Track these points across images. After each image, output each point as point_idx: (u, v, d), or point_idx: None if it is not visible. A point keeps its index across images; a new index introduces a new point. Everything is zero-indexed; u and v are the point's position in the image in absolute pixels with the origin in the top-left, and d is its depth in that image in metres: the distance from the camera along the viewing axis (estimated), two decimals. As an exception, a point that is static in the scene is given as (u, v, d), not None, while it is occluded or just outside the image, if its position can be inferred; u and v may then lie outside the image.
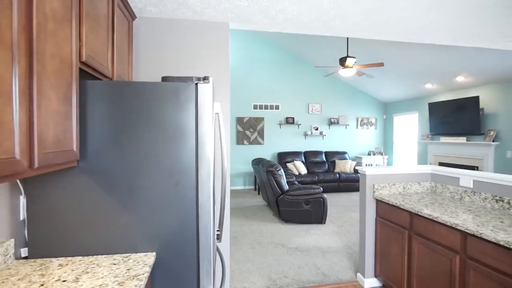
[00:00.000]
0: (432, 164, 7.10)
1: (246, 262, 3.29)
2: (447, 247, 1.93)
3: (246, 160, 7.90)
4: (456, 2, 2.10)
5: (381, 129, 9.00)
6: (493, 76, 5.52)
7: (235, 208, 5.78)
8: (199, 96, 1.34)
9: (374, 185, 2.68)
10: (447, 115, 6.59)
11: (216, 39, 2.45)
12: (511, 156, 5.43)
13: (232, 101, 7.75)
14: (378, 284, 2.75)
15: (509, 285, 1.53)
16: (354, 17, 2.36)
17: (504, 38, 2.84)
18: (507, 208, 2.11)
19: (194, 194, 1.36)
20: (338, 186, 7.26)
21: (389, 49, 5.61)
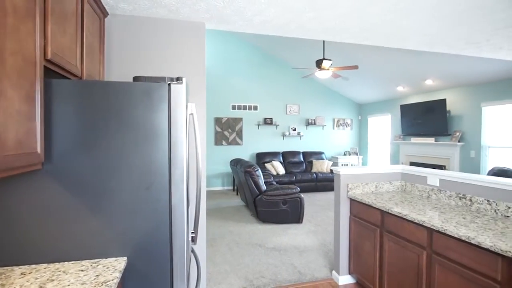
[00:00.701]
0: (404, 164, 7.40)
1: (223, 264, 3.27)
2: (415, 243, 2.02)
3: (224, 161, 7.86)
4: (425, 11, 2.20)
5: (356, 130, 9.26)
6: (459, 80, 5.84)
7: (213, 209, 5.74)
8: (172, 97, 1.32)
9: (348, 185, 2.75)
10: (417, 117, 6.89)
11: (192, 39, 2.42)
12: (474, 155, 5.77)
13: (210, 101, 7.69)
14: (352, 281, 2.83)
15: (470, 277, 1.63)
16: (329, 21, 2.41)
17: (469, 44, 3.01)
18: (469, 205, 2.24)
19: (167, 197, 1.34)
20: (315, 186, 7.39)
21: (364, 52, 5.79)
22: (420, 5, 2.13)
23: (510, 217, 1.96)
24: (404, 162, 7.45)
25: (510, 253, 1.41)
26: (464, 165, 5.97)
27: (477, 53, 3.29)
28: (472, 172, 5.75)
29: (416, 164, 7.05)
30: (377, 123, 8.72)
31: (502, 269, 1.48)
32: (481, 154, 5.66)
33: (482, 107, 5.65)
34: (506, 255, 1.44)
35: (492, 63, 4.71)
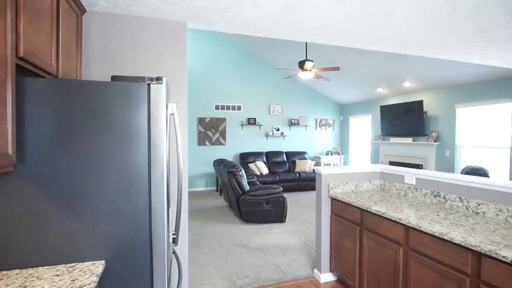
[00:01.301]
0: (384, 163, 7.62)
1: (206, 265, 3.25)
2: (393, 240, 2.09)
3: (208, 161, 7.81)
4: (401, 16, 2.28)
5: (338, 130, 9.44)
6: (434, 82, 6.07)
7: (196, 210, 5.69)
8: (151, 97, 1.30)
9: (329, 184, 2.81)
10: (396, 117, 7.11)
11: (174, 39, 2.40)
12: (449, 155, 6.02)
13: (194, 101, 7.62)
14: (333, 278, 2.89)
15: (443, 272, 1.70)
16: (310, 23, 2.45)
17: (443, 48, 3.14)
18: (443, 202, 2.34)
19: (147, 198, 1.32)
20: (298, 185, 7.47)
21: (345, 54, 5.91)
22: (397, 11, 2.20)
23: (480, 214, 2.06)
24: (383, 161, 7.66)
25: (478, 247, 1.48)
26: (440, 164, 6.22)
27: (450, 56, 3.44)
28: (447, 170, 6.00)
29: (395, 163, 7.26)
30: (358, 124, 8.92)
31: (472, 263, 1.55)
32: (455, 154, 5.91)
33: (456, 108, 5.90)
34: (475, 250, 1.52)
35: (465, 67, 4.92)
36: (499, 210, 1.95)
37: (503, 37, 2.79)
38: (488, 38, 2.80)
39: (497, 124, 5.24)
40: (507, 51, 3.24)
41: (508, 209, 1.90)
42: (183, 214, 2.38)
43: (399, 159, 7.20)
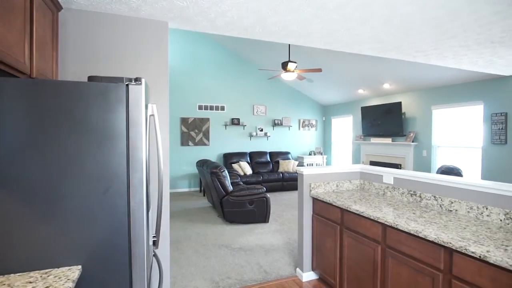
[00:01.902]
0: (364, 163, 7.81)
1: (189, 266, 3.23)
2: (371, 238, 2.15)
3: (191, 162, 7.73)
4: (379, 21, 2.35)
5: (321, 131, 9.58)
6: (412, 85, 6.28)
7: (179, 211, 5.62)
8: (130, 98, 1.28)
9: (311, 184, 2.85)
10: (377, 118, 7.30)
11: (155, 38, 2.36)
12: (426, 154, 6.24)
13: (177, 101, 7.53)
14: (315, 277, 2.94)
15: (418, 268, 1.77)
16: (292, 25, 2.48)
17: (419, 52, 3.26)
18: (419, 201, 2.43)
19: (126, 201, 1.30)
20: (282, 185, 7.53)
21: (327, 56, 6.01)
22: (374, 16, 2.26)
23: (452, 211, 2.16)
24: (364, 161, 7.84)
25: (450, 244, 1.55)
26: (418, 163, 6.44)
27: (426, 60, 3.57)
28: (424, 170, 6.22)
29: (376, 163, 7.45)
30: (340, 124, 9.10)
31: (444, 259, 1.62)
32: (431, 154, 6.14)
33: (432, 110, 6.13)
34: (447, 246, 1.59)
35: (441, 70, 5.12)
36: (470, 208, 2.05)
37: (474, 43, 2.92)
38: (461, 43, 2.93)
39: (470, 125, 5.49)
40: (478, 56, 3.41)
41: (478, 207, 2.00)
42: (164, 216, 2.36)
43: (380, 159, 7.40)
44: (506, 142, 4.81)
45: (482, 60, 3.62)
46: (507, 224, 1.84)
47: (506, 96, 4.84)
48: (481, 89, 5.23)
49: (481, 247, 1.48)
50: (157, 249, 1.78)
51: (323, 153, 9.36)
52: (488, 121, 5.10)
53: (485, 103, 5.16)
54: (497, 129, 4.91)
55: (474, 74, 4.85)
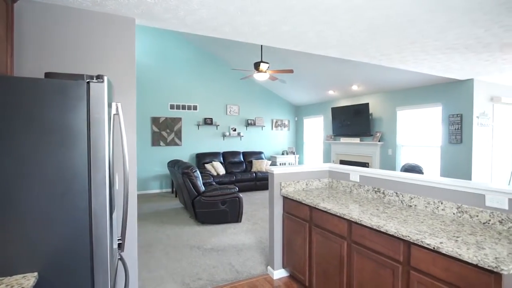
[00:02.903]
0: (335, 162, 8.05)
1: (159, 269, 3.15)
2: (338, 234, 2.23)
3: (162, 162, 7.55)
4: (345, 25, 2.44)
5: (293, 130, 9.75)
6: (379, 87, 6.57)
7: (149, 213, 5.47)
8: (91, 96, 1.23)
9: (281, 183, 2.90)
10: (346, 119, 7.56)
11: (121, 35, 2.28)
12: (391, 153, 6.56)
13: (147, 100, 7.31)
14: (286, 274, 2.99)
15: (380, 261, 1.86)
16: (261, 26, 2.51)
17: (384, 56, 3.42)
18: (382, 197, 2.55)
19: (87, 203, 1.25)
20: (255, 185, 7.57)
21: (299, 57, 6.12)
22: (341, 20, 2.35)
23: (412, 206, 2.29)
24: (334, 160, 8.09)
25: (408, 237, 1.65)
26: (384, 162, 6.75)
27: (390, 63, 3.75)
28: (390, 168, 6.54)
29: (345, 162, 7.72)
30: (312, 124, 9.32)
31: (403, 251, 1.72)
32: (396, 152, 6.46)
33: (397, 111, 6.45)
34: (405, 239, 1.68)
35: (404, 73, 5.40)
36: (427, 203, 2.19)
37: (432, 48, 3.12)
38: (420, 48, 3.11)
39: (431, 125, 5.85)
40: (436, 61, 3.64)
41: (434, 202, 2.14)
42: (131, 217, 2.29)
43: (349, 158, 7.67)
44: (462, 142, 5.18)
45: (440, 65, 3.88)
46: (459, 217, 1.99)
47: (462, 99, 5.21)
48: (440, 92, 5.59)
49: (435, 239, 1.58)
50: (123, 252, 1.73)
51: (295, 152, 9.53)
52: (446, 122, 5.46)
53: (443, 105, 5.52)
54: (454, 129, 5.28)
55: (433, 77, 5.18)
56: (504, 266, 1.26)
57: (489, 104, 5.29)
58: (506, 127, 5.67)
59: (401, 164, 6.35)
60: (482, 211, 1.87)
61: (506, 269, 1.25)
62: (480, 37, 2.78)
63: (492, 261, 1.31)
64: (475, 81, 5.03)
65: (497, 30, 2.59)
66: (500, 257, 1.35)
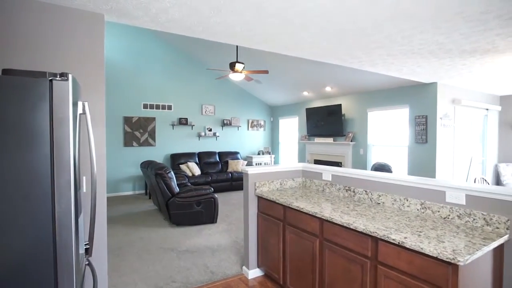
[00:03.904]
0: (309, 161, 8.21)
1: (131, 274, 3.06)
2: (310, 232, 2.28)
3: (135, 163, 7.33)
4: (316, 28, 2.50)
5: (269, 131, 9.83)
6: (350, 88, 6.79)
7: (122, 215, 5.29)
8: (54, 95, 1.18)
9: (256, 183, 2.92)
10: (320, 119, 7.73)
11: (89, 31, 2.20)
12: (363, 153, 6.80)
13: (119, 99, 7.07)
14: (261, 274, 3.01)
15: (351, 257, 1.92)
16: (235, 26, 2.51)
17: (354, 59, 3.54)
18: (352, 196, 2.64)
19: (50, 207, 1.19)
20: (231, 185, 7.55)
21: (274, 58, 6.18)
22: (312, 23, 2.41)
23: (380, 204, 2.40)
24: (309, 160, 8.25)
25: (376, 233, 1.73)
26: (356, 161, 6.98)
27: (361, 66, 3.89)
28: (361, 167, 6.77)
29: (319, 161, 7.89)
30: (287, 125, 9.44)
31: (371, 247, 1.80)
32: (367, 152, 6.71)
33: (368, 112, 6.70)
34: (373, 235, 1.76)
35: (374, 76, 5.61)
36: (394, 200, 2.30)
37: (398, 53, 3.27)
38: (388, 52, 3.26)
39: (399, 126, 6.13)
40: (402, 65, 3.82)
41: (400, 199, 2.25)
42: (100, 220, 2.21)
43: (323, 158, 7.85)
44: (427, 142, 5.47)
45: (406, 69, 4.08)
46: (423, 212, 2.10)
47: (427, 101, 5.51)
48: (407, 94, 5.87)
49: (400, 234, 1.67)
50: (90, 257, 1.67)
51: (271, 152, 9.61)
52: (412, 122, 5.75)
53: (410, 107, 5.81)
54: (420, 129, 5.57)
55: (401, 80, 5.43)
56: (461, 257, 1.35)
57: (451, 106, 5.63)
58: (466, 128, 6.06)
59: (371, 163, 6.60)
60: (443, 207, 1.99)
61: (462, 260, 1.34)
62: (442, 43, 2.95)
63: (450, 253, 1.40)
64: (439, 85, 5.34)
65: (456, 37, 2.77)
66: (457, 249, 1.44)
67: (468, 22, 2.41)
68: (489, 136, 6.49)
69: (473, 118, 6.23)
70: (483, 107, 6.17)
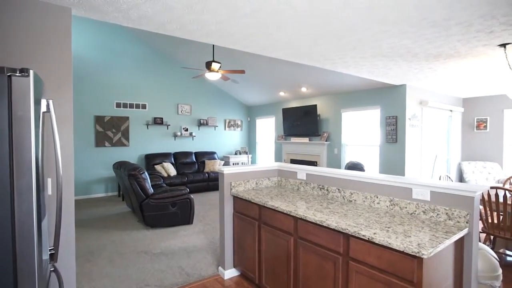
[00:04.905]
0: (286, 161, 8.31)
1: (102, 278, 2.95)
2: (285, 231, 2.31)
3: (108, 164, 7.07)
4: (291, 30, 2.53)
5: (246, 131, 9.84)
6: (325, 89, 6.95)
7: (93, 218, 5.08)
8: (13, 92, 1.11)
9: (231, 183, 2.91)
10: (296, 119, 7.85)
11: (54, 25, 2.09)
12: (337, 152, 6.99)
13: (90, 98, 6.78)
14: (237, 274, 3.01)
15: (324, 254, 1.97)
16: (210, 25, 2.49)
17: (327, 60, 3.62)
18: (326, 194, 2.71)
19: (8, 210, 1.12)
20: (207, 185, 7.48)
21: (250, 58, 6.20)
22: (287, 24, 2.44)
23: (352, 201, 2.47)
24: (285, 159, 8.35)
25: (347, 230, 1.78)
26: (330, 160, 7.15)
27: (334, 67, 4.00)
28: (336, 166, 6.95)
29: (296, 161, 8.01)
30: (264, 124, 9.50)
31: (343, 243, 1.85)
32: (341, 151, 6.89)
33: (342, 112, 6.89)
34: (345, 232, 1.81)
35: (347, 77, 5.78)
36: (365, 198, 2.38)
37: (370, 55, 3.39)
38: (360, 55, 3.36)
39: (371, 126, 6.35)
40: (374, 67, 3.97)
41: (371, 196, 2.33)
42: (67, 225, 2.11)
43: (299, 157, 7.97)
44: (397, 141, 5.71)
45: (378, 71, 4.23)
46: (391, 209, 2.20)
47: (396, 102, 5.75)
48: (379, 96, 6.10)
49: (370, 230, 1.73)
50: (56, 263, 1.59)
51: (248, 152, 9.62)
52: (383, 123, 5.98)
53: (382, 108, 6.04)
54: (390, 130, 5.81)
55: (373, 82, 5.63)
56: (425, 251, 1.42)
57: (419, 107, 5.92)
58: (432, 128, 6.40)
59: (345, 162, 6.79)
60: (410, 203, 2.09)
61: (426, 253, 1.41)
62: (409, 47, 3.10)
63: (415, 247, 1.47)
64: (407, 87, 5.59)
65: (422, 42, 2.92)
66: (422, 243, 1.52)
67: (433, 28, 2.54)
68: (453, 136, 6.89)
69: (438, 119, 6.59)
70: (448, 108, 6.53)
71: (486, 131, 6.63)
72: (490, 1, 2.03)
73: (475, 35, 2.70)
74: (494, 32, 2.61)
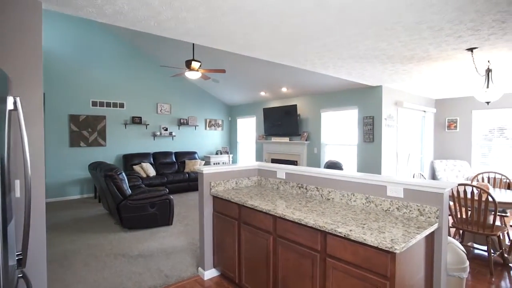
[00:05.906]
0: (267, 160, 8.35)
1: (76, 283, 2.84)
2: (264, 230, 2.32)
3: (83, 165, 6.82)
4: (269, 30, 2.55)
5: (227, 130, 9.80)
6: (305, 90, 7.04)
7: (67, 221, 4.89)
8: (-25, 89, 1.05)
9: (211, 183, 2.89)
10: (277, 119, 7.91)
11: (23, 20, 1.99)
12: (317, 151, 7.10)
13: (64, 96, 6.51)
14: (217, 274, 2.99)
15: (302, 252, 2.00)
16: (188, 23, 2.46)
17: (307, 61, 3.67)
18: (305, 193, 2.75)
19: (-30, 214, 1.06)
20: (188, 186, 7.38)
21: (231, 57, 6.17)
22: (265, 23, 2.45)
23: (330, 200, 2.52)
24: (266, 159, 8.39)
25: (324, 227, 1.81)
26: (310, 159, 7.26)
27: (314, 68, 4.06)
28: (315, 165, 7.06)
29: (276, 160, 8.06)
30: (245, 124, 9.50)
31: (320, 241, 1.88)
32: (321, 151, 7.02)
33: (321, 112, 7.01)
34: (322, 230, 1.84)
35: (327, 78, 5.89)
36: (342, 196, 2.43)
37: (347, 57, 3.47)
38: (338, 56, 3.44)
39: (349, 126, 6.51)
40: (351, 68, 4.06)
41: (348, 194, 2.39)
42: (37, 228, 2.02)
43: (279, 157, 8.04)
44: (373, 141, 5.89)
45: (355, 72, 4.34)
46: (367, 206, 2.26)
47: (373, 103, 5.93)
48: (356, 96, 6.26)
49: (346, 227, 1.77)
50: (24, 268, 1.52)
51: (229, 152, 9.59)
52: (361, 123, 6.14)
53: (359, 108, 6.20)
54: (367, 129, 5.97)
55: (351, 83, 5.77)
56: (397, 246, 1.48)
57: (394, 108, 6.12)
58: (407, 128, 6.64)
59: (325, 161, 6.92)
60: (384, 200, 2.16)
61: (398, 248, 1.47)
62: (384, 49, 3.20)
63: (389, 242, 1.52)
64: (383, 88, 5.78)
65: (397, 44, 3.02)
66: (395, 239, 1.57)
67: (406, 31, 2.64)
68: (426, 136, 7.18)
69: (413, 119, 6.85)
70: (421, 109, 6.80)
71: (456, 131, 6.96)
72: (457, 6, 2.13)
73: (445, 39, 2.83)
74: (462, 36, 2.74)
